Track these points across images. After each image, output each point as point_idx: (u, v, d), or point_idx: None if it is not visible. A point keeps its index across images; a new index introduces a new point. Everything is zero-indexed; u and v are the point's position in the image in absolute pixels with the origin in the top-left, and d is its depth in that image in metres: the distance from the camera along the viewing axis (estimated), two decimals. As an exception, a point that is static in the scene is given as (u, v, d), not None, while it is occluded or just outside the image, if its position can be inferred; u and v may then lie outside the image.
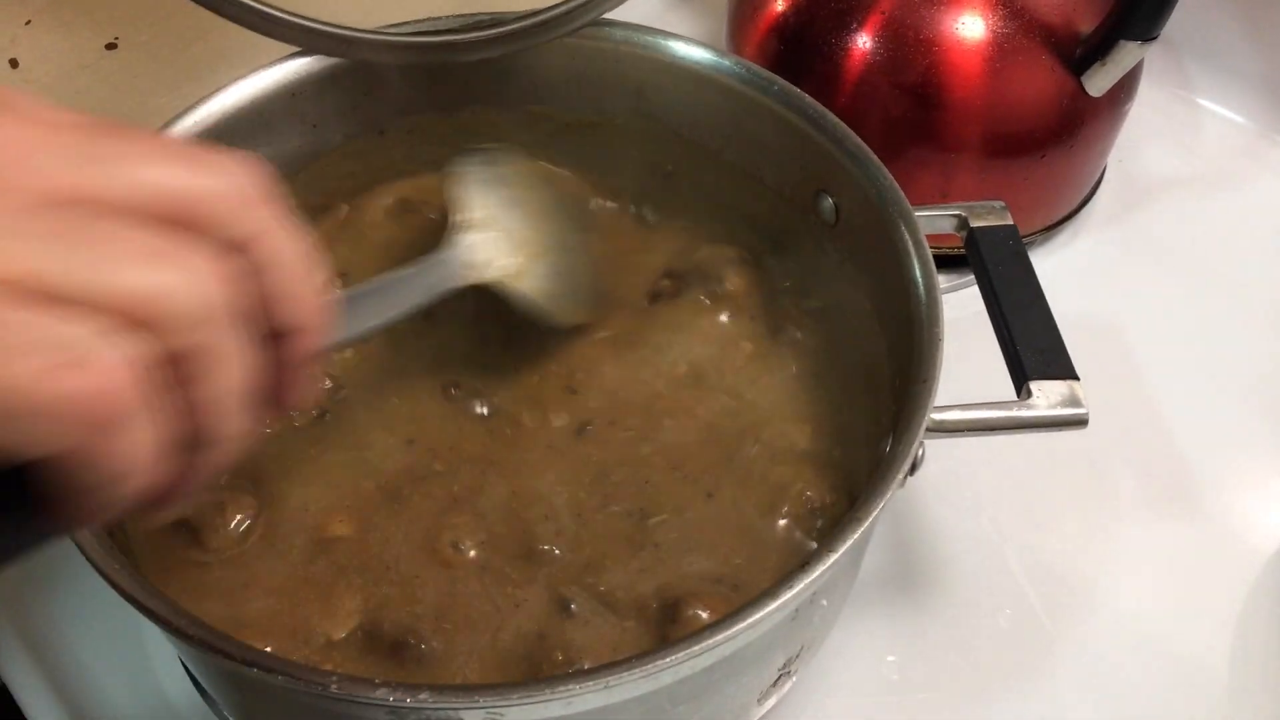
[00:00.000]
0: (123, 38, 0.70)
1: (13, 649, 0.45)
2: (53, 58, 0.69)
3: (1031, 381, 0.39)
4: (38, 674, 0.44)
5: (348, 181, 0.51)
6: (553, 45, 0.49)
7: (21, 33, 0.72)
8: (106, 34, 0.70)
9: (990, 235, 0.43)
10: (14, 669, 0.45)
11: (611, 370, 0.46)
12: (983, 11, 0.53)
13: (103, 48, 0.70)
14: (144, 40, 0.70)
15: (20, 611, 0.47)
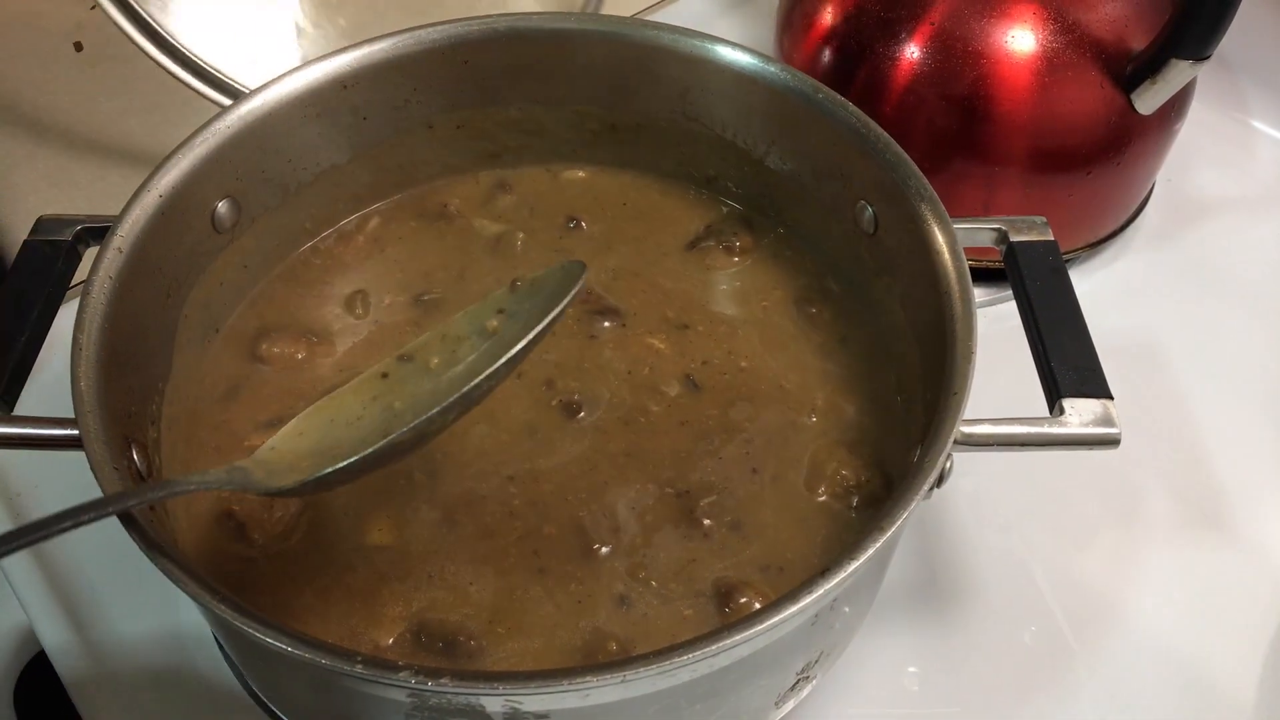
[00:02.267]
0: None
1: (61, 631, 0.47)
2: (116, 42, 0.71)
3: (1065, 399, 0.38)
4: (83, 656, 0.46)
5: (395, 175, 0.52)
6: (600, 45, 0.49)
7: (87, 17, 0.75)
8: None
9: (1030, 250, 0.43)
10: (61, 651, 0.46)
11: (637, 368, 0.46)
12: (1033, 25, 0.53)
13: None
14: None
15: (69, 595, 0.48)
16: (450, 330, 0.40)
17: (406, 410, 0.37)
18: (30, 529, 0.29)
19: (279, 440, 0.36)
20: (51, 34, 0.73)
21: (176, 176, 0.42)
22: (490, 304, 0.39)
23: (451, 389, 0.36)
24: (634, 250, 0.51)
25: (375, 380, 0.39)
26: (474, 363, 0.38)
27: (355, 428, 0.36)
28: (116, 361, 0.38)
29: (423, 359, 0.39)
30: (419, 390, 0.38)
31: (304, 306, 0.49)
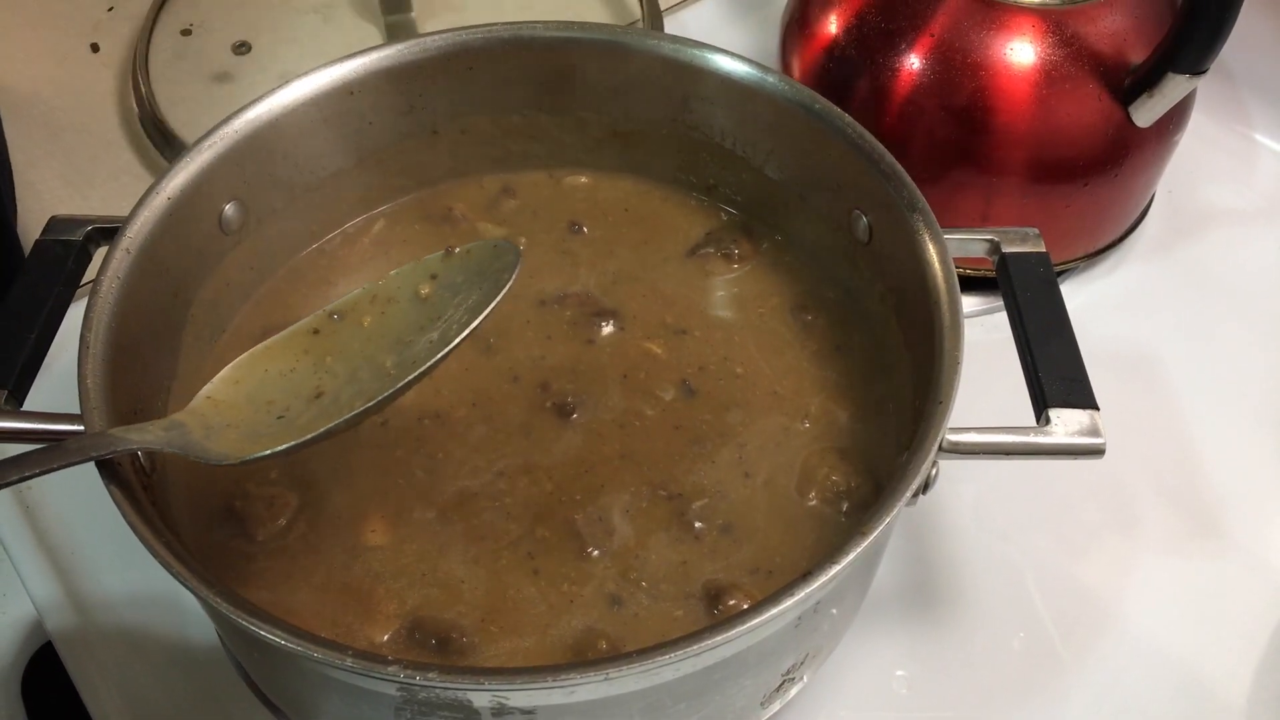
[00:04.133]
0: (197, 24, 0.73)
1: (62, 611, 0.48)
2: (132, 43, 0.72)
3: (1051, 409, 0.39)
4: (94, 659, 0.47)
5: (400, 178, 0.53)
6: (602, 54, 0.50)
7: (104, 19, 0.76)
8: (183, 21, 0.73)
9: (1021, 261, 0.43)
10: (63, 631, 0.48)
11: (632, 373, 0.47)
12: (1032, 38, 0.53)
13: (179, 33, 0.73)
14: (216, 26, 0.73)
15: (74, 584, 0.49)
16: (381, 291, 0.41)
17: (338, 365, 0.39)
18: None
19: (213, 388, 0.37)
20: (69, 35, 0.75)
21: (185, 179, 0.43)
22: (423, 268, 0.41)
23: (392, 361, 0.38)
24: (635, 255, 0.52)
25: (306, 335, 0.40)
26: (412, 338, 0.39)
27: (289, 379, 0.38)
28: (123, 360, 0.39)
29: (354, 317, 0.41)
30: (349, 348, 0.40)
31: (308, 307, 0.50)
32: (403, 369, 0.38)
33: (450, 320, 0.38)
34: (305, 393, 0.37)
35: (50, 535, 0.51)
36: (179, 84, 0.68)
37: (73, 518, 0.51)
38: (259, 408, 0.37)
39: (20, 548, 0.51)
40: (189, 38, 0.73)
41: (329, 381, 0.38)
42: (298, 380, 0.38)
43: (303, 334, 0.39)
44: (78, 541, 0.51)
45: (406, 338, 0.38)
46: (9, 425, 0.38)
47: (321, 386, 0.37)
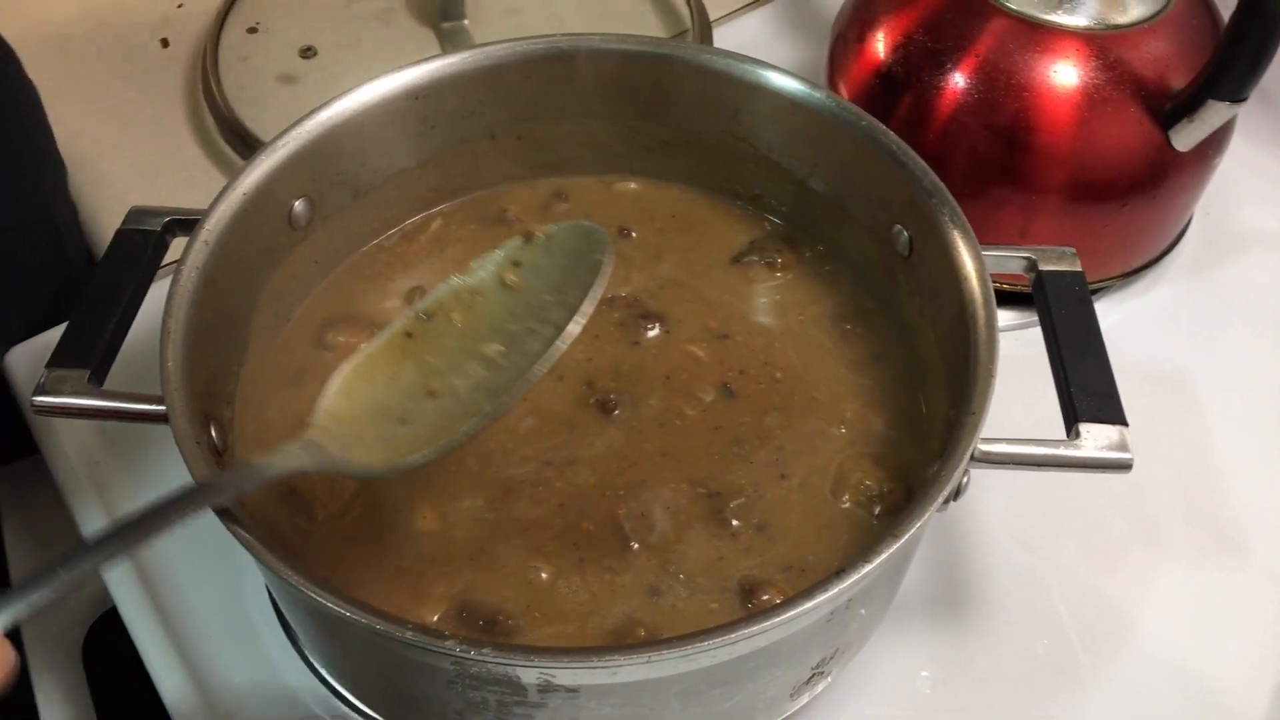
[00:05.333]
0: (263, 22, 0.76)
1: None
2: (202, 40, 0.75)
3: (1081, 423, 0.40)
4: (157, 626, 0.50)
5: (458, 180, 0.55)
6: (656, 66, 0.52)
7: (174, 14, 0.79)
8: (250, 19, 0.76)
9: (1057, 280, 0.45)
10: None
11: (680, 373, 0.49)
12: (1076, 60, 0.54)
13: (245, 31, 0.76)
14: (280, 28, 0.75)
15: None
16: (465, 285, 0.42)
17: (441, 363, 0.40)
18: (128, 530, 0.31)
19: (329, 404, 0.38)
20: (139, 29, 0.78)
21: (259, 176, 0.46)
22: (505, 257, 0.42)
23: (497, 350, 0.39)
24: (681, 261, 0.54)
25: (400, 339, 0.41)
26: (512, 326, 0.40)
27: (397, 384, 0.39)
28: (198, 345, 0.42)
29: (443, 315, 0.42)
30: (447, 345, 0.41)
31: (367, 300, 0.52)
32: (518, 357, 0.39)
33: (549, 305, 0.40)
34: (418, 394, 0.38)
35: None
36: (247, 82, 0.71)
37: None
38: (378, 415, 0.38)
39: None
40: (255, 35, 0.75)
41: (437, 380, 0.39)
42: (406, 384, 0.39)
43: (397, 338, 0.40)
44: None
45: (505, 326, 0.40)
46: (94, 404, 0.41)
47: (431, 386, 0.39)
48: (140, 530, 0.32)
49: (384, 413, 0.38)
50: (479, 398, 0.38)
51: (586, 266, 0.41)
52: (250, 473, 0.36)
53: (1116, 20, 0.55)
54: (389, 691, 0.41)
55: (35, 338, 0.58)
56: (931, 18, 0.58)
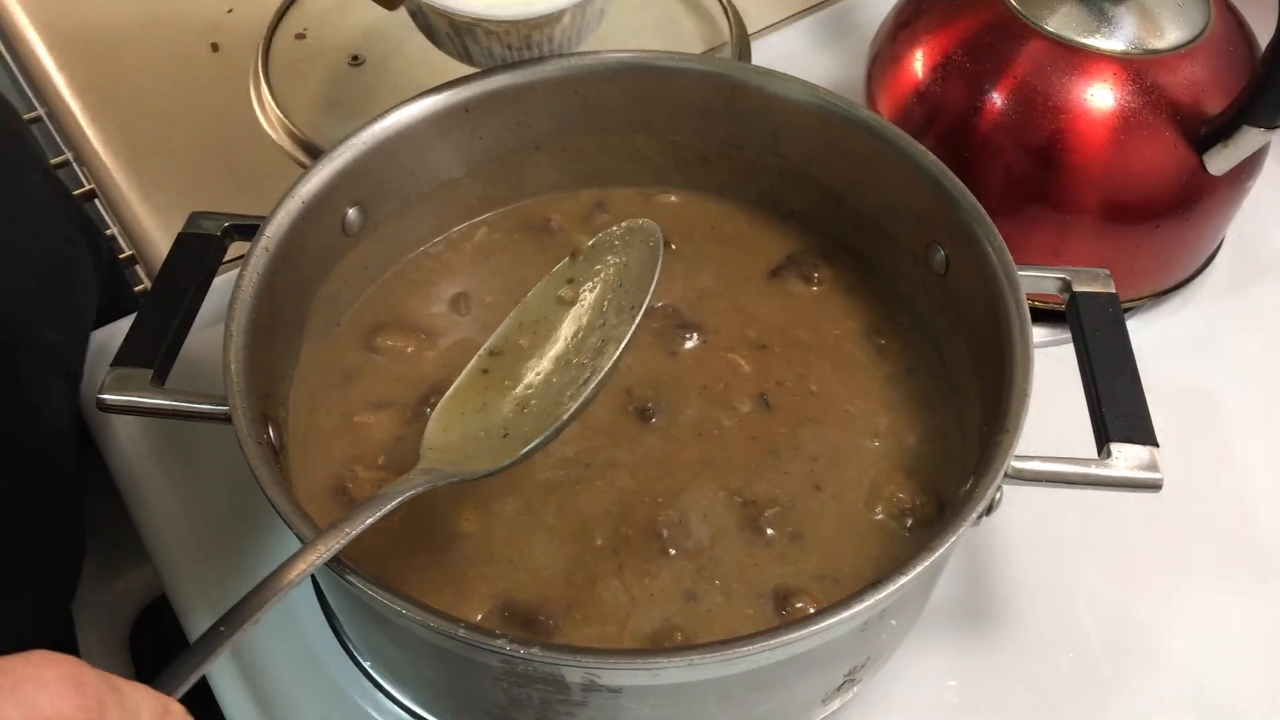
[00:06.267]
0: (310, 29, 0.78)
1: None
2: (252, 44, 0.77)
3: (1113, 443, 0.41)
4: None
5: (504, 189, 0.56)
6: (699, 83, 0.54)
7: (224, 20, 0.81)
8: (298, 25, 0.78)
9: (1091, 301, 0.46)
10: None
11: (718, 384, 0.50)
12: (1113, 84, 0.55)
13: (294, 37, 0.78)
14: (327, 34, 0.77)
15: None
16: (525, 316, 0.45)
17: (521, 383, 0.42)
18: (277, 578, 0.33)
19: (433, 439, 0.41)
20: (190, 33, 0.79)
21: (316, 185, 0.47)
22: (557, 277, 0.45)
23: (573, 356, 0.42)
24: (720, 273, 0.55)
25: (478, 376, 0.43)
26: (580, 334, 0.43)
27: (488, 412, 0.42)
28: (257, 348, 0.43)
29: (511, 347, 0.44)
30: (522, 370, 0.43)
31: (414, 305, 0.54)
32: (591, 353, 0.41)
33: (609, 302, 0.42)
34: (511, 412, 0.41)
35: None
36: (296, 87, 0.73)
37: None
38: (479, 439, 0.40)
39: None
40: (303, 41, 0.77)
41: (526, 394, 0.41)
42: (497, 408, 0.42)
43: (475, 377, 0.43)
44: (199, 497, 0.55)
45: (571, 333, 0.42)
46: (159, 403, 0.42)
47: (519, 401, 0.41)
48: (291, 576, 0.33)
49: (485, 434, 0.41)
50: (566, 395, 0.40)
51: (637, 256, 0.43)
52: (377, 502, 0.37)
53: (1154, 45, 0.56)
54: (437, 687, 0.43)
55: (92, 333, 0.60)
56: (970, 39, 0.59)
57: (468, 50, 0.52)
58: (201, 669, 0.30)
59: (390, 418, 0.49)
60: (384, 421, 0.49)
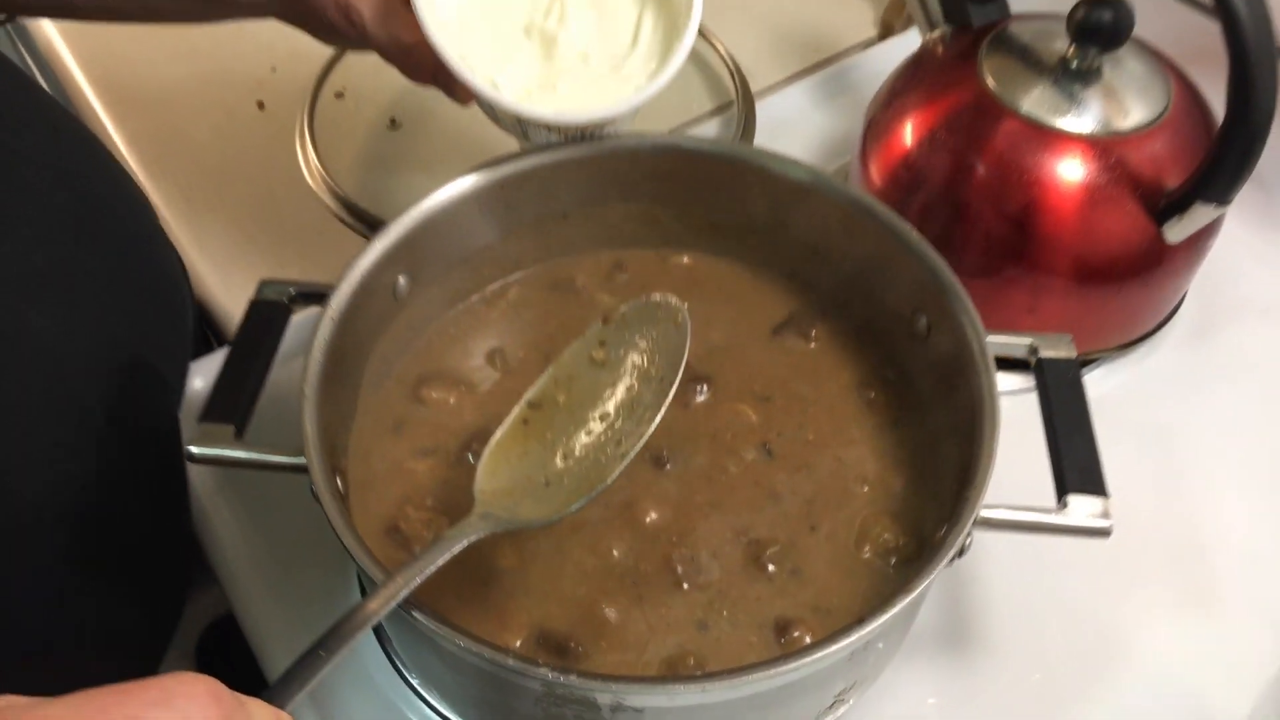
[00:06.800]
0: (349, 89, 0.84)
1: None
2: (295, 103, 0.83)
3: (1069, 494, 0.48)
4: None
5: (533, 251, 0.63)
6: (709, 161, 0.60)
7: (268, 78, 0.87)
8: (337, 84, 0.84)
9: (1054, 366, 0.52)
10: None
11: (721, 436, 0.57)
12: (1081, 160, 0.61)
13: (334, 96, 0.84)
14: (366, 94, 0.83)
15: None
16: (561, 372, 0.51)
17: (557, 438, 0.48)
18: (363, 609, 0.39)
19: (483, 484, 0.46)
20: (237, 91, 0.86)
21: (373, 259, 0.54)
22: (591, 339, 0.51)
23: (604, 414, 0.48)
24: (728, 329, 0.61)
25: (519, 426, 0.49)
26: (611, 392, 0.49)
27: (529, 459, 0.48)
28: (325, 406, 0.50)
29: (549, 400, 0.50)
30: (559, 421, 0.49)
31: (454, 358, 0.60)
32: (625, 415, 0.48)
33: (637, 368, 0.49)
34: (550, 462, 0.47)
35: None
36: (337, 145, 0.79)
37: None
38: (525, 484, 0.46)
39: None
40: (342, 101, 0.83)
41: (562, 448, 0.47)
42: (538, 456, 0.47)
43: (516, 426, 0.48)
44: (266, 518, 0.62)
45: (603, 394, 0.48)
46: (241, 455, 0.49)
47: (558, 453, 0.47)
48: (374, 608, 0.39)
49: (528, 481, 0.47)
50: (605, 453, 0.47)
51: (664, 330, 0.50)
52: (443, 545, 0.43)
53: (1118, 125, 0.62)
54: (481, 704, 0.49)
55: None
56: (953, 116, 0.65)
57: (527, 135, 0.58)
58: (307, 687, 0.36)
59: (436, 463, 0.55)
60: (431, 467, 0.55)
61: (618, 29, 0.57)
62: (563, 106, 0.56)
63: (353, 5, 0.54)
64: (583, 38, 0.57)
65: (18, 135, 0.54)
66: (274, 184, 0.79)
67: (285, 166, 0.80)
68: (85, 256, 0.56)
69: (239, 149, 0.82)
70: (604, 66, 0.57)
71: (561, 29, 0.56)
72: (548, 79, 0.56)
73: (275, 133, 0.83)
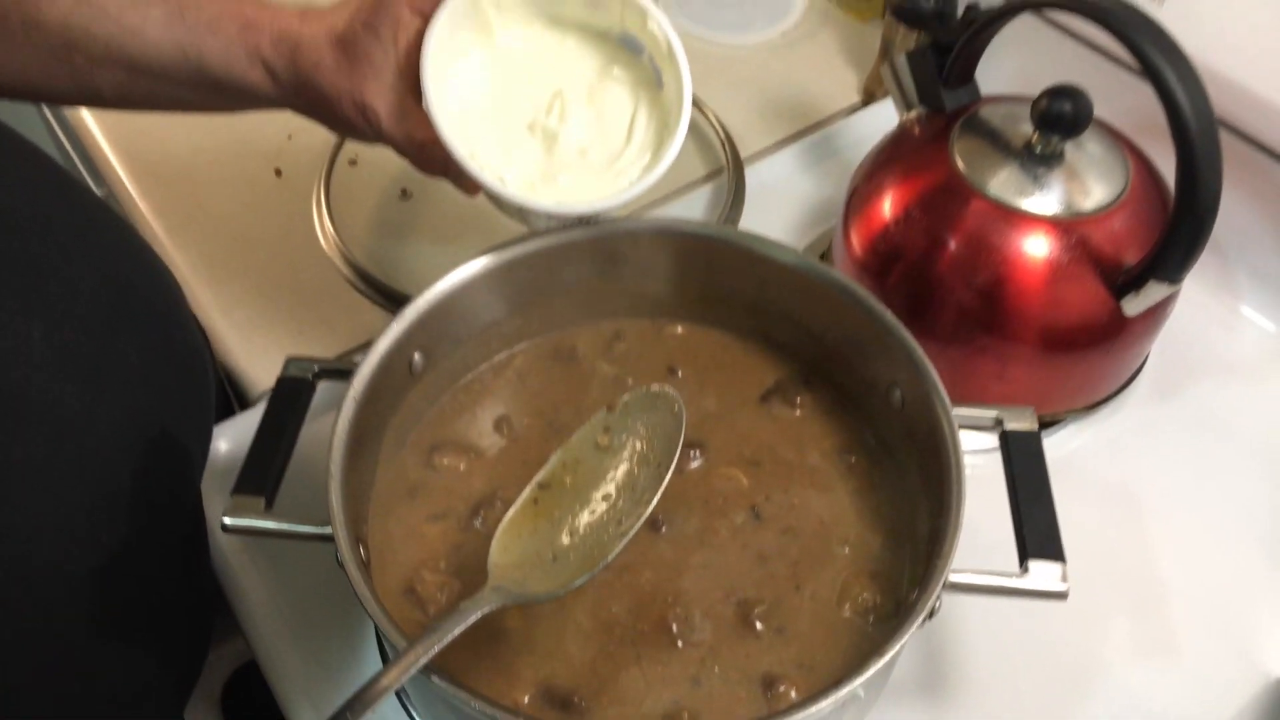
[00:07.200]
0: (362, 157, 0.89)
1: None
2: (312, 170, 0.88)
3: (1030, 559, 0.52)
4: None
5: (537, 323, 0.67)
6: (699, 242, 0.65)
7: (285, 146, 0.92)
8: (351, 153, 0.89)
9: (1017, 438, 0.57)
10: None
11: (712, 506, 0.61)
12: (1044, 239, 0.66)
13: (348, 163, 0.89)
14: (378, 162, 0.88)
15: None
16: (569, 455, 0.55)
17: (566, 515, 0.53)
18: (386, 675, 0.43)
19: (496, 558, 0.51)
20: (256, 159, 0.90)
21: (391, 341, 0.58)
22: (596, 425, 0.55)
23: (606, 495, 0.53)
24: (719, 396, 0.66)
25: (529, 505, 0.54)
26: (613, 476, 0.54)
27: (538, 536, 0.52)
28: (347, 478, 0.54)
29: (557, 481, 0.55)
30: (565, 502, 0.54)
31: (464, 426, 0.65)
32: (626, 495, 0.52)
33: (638, 452, 0.54)
34: (557, 539, 0.51)
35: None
36: (351, 213, 0.84)
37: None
38: (534, 560, 0.51)
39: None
40: (355, 168, 0.88)
41: (567, 526, 0.52)
42: (545, 534, 0.52)
43: (526, 506, 0.53)
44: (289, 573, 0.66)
45: (607, 477, 0.53)
46: (272, 526, 0.53)
47: (565, 530, 0.51)
48: (393, 677, 0.44)
49: (537, 556, 0.51)
50: (607, 532, 0.51)
51: (662, 418, 0.55)
52: (459, 616, 0.47)
53: (1080, 206, 0.67)
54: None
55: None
56: (926, 195, 0.70)
57: (529, 222, 0.63)
58: None
59: (448, 527, 0.60)
60: (443, 531, 0.60)
61: (614, 126, 0.62)
62: (563, 198, 0.61)
63: (369, 104, 0.59)
64: (582, 134, 0.62)
65: (50, 222, 0.59)
66: (292, 250, 0.84)
67: (302, 232, 0.85)
68: (113, 335, 0.60)
69: (258, 216, 0.87)
70: (601, 161, 0.61)
71: (562, 126, 0.61)
72: (549, 172, 0.61)
73: (292, 199, 0.87)
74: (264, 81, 0.60)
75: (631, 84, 0.63)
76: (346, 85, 0.58)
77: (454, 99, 0.60)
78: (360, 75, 0.58)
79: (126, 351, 0.61)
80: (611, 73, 0.63)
